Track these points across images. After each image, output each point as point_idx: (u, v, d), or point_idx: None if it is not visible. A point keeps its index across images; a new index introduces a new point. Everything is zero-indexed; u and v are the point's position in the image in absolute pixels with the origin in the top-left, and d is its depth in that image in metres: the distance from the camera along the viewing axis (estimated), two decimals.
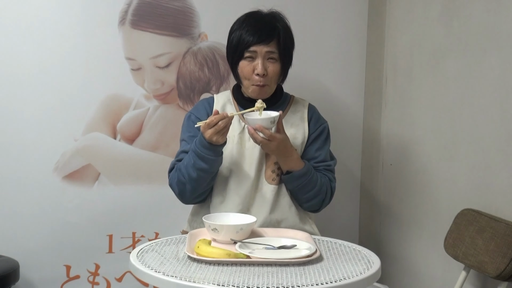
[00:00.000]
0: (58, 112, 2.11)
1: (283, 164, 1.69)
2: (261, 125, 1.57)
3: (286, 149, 1.65)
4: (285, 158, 1.67)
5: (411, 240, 2.24)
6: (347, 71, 2.45)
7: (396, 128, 2.35)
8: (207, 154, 1.59)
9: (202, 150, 1.59)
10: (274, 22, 1.71)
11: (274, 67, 1.69)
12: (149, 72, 2.19)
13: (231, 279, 1.20)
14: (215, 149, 1.59)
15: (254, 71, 1.67)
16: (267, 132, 1.58)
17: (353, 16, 2.43)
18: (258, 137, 1.59)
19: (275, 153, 1.67)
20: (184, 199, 1.73)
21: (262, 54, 1.67)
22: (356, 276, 1.26)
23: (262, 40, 1.66)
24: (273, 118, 1.59)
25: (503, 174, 1.72)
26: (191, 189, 1.67)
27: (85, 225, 2.16)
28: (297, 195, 1.73)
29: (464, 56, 1.91)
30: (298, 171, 1.67)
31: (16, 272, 1.94)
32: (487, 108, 1.79)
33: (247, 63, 1.69)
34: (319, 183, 1.71)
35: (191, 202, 1.76)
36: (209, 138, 1.55)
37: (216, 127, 1.54)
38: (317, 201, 1.73)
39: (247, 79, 1.70)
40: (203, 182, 1.66)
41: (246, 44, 1.67)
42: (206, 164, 1.60)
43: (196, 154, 1.60)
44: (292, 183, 1.70)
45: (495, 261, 1.59)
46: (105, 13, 2.12)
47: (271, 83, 1.72)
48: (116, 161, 2.18)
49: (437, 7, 2.06)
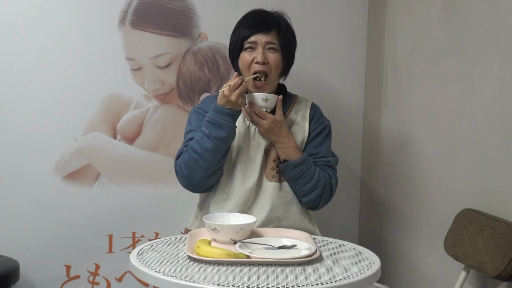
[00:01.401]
0: (58, 112, 2.11)
1: (280, 152, 1.71)
2: (253, 102, 1.66)
3: (280, 132, 1.69)
4: (280, 143, 1.70)
5: (411, 240, 2.24)
6: (347, 71, 2.45)
7: (396, 128, 2.35)
8: (225, 120, 1.60)
9: (219, 117, 1.61)
10: (274, 16, 1.74)
11: (274, 56, 1.70)
12: (149, 72, 2.19)
13: (231, 279, 1.20)
14: (234, 115, 1.62)
15: (254, 60, 1.69)
16: (257, 109, 1.66)
17: (353, 16, 2.43)
18: (251, 113, 1.68)
19: (269, 134, 1.69)
20: (193, 180, 1.67)
21: (262, 44, 1.69)
22: (356, 276, 1.26)
23: (261, 30, 1.69)
24: (265, 96, 1.66)
25: (503, 174, 1.72)
26: (205, 164, 1.63)
27: (85, 225, 2.16)
28: (295, 187, 1.74)
29: (464, 56, 1.91)
30: (294, 160, 1.69)
31: (16, 272, 1.94)
32: (487, 108, 1.79)
33: (247, 54, 1.70)
34: (317, 176, 1.71)
35: (199, 186, 1.69)
36: (235, 100, 1.59)
37: (242, 87, 1.60)
38: (315, 196, 1.73)
39: (247, 70, 1.71)
40: (217, 156, 1.63)
41: (246, 35, 1.69)
42: (225, 131, 1.61)
43: (213, 123, 1.61)
44: (288, 172, 1.71)
45: (495, 261, 1.59)
46: (105, 13, 2.12)
47: (272, 73, 1.71)
48: (116, 161, 2.18)
49: (437, 7, 2.06)
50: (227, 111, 1.60)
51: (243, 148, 1.74)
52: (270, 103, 1.68)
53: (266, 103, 1.68)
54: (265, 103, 1.68)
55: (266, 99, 1.67)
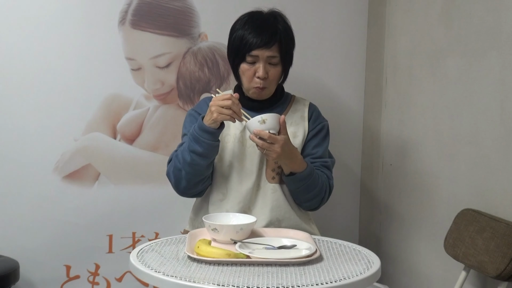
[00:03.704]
0: (58, 112, 2.11)
1: (286, 167, 1.66)
2: (256, 128, 1.52)
3: (291, 151, 1.62)
4: (290, 161, 1.63)
5: (411, 240, 2.24)
6: (347, 71, 2.45)
7: (396, 128, 2.35)
8: (203, 136, 1.58)
9: (198, 132, 1.59)
10: (275, 24, 1.70)
11: (275, 70, 1.70)
12: (149, 72, 2.19)
13: (231, 279, 1.20)
14: (213, 133, 1.58)
15: (256, 74, 1.68)
16: (264, 134, 1.52)
17: (353, 16, 2.43)
18: (259, 142, 1.54)
19: (281, 157, 1.59)
20: (179, 188, 1.71)
21: (264, 58, 1.67)
22: (356, 276, 1.26)
23: (264, 44, 1.66)
24: (261, 118, 1.51)
25: (503, 174, 1.72)
26: (186, 175, 1.65)
27: (85, 225, 2.16)
28: (298, 196, 1.73)
29: (464, 56, 1.91)
30: (301, 173, 1.65)
31: (16, 272, 1.94)
32: (487, 108, 1.79)
33: (248, 67, 1.69)
34: (320, 184, 1.70)
35: (187, 193, 1.72)
36: (216, 116, 1.54)
37: (225, 102, 1.54)
38: (316, 201, 1.73)
39: (248, 82, 1.71)
40: (196, 168, 1.63)
41: (248, 48, 1.67)
42: (201, 147, 1.59)
43: (193, 137, 1.61)
44: (295, 185, 1.69)
45: (495, 261, 1.59)
46: (105, 13, 2.12)
47: (271, 86, 1.72)
48: (116, 161, 2.18)
49: (437, 7, 2.06)
50: (206, 128, 1.58)
51: (239, 148, 1.73)
52: (268, 123, 1.51)
53: (264, 125, 1.50)
54: (263, 125, 1.50)
55: (263, 120, 1.50)
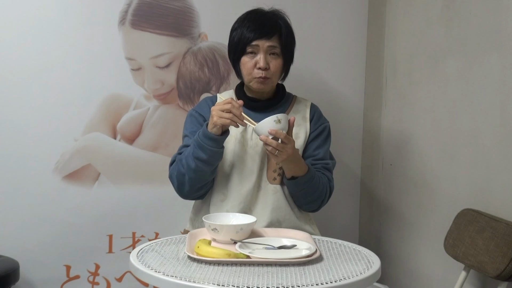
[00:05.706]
0: (58, 112, 2.11)
1: (289, 170, 1.66)
2: (273, 128, 1.48)
3: (297, 154, 1.62)
4: (295, 164, 1.63)
5: (411, 240, 2.24)
6: (347, 71, 2.45)
7: (396, 128, 2.35)
8: (206, 143, 1.58)
9: (202, 139, 1.59)
10: (275, 19, 1.72)
11: (276, 62, 1.70)
12: (149, 72, 2.19)
13: (231, 279, 1.20)
14: (215, 139, 1.58)
15: (256, 65, 1.68)
16: (281, 134, 1.49)
17: (353, 16, 2.43)
18: (273, 142, 1.50)
19: (289, 159, 1.57)
20: (182, 192, 1.71)
21: (264, 49, 1.68)
22: (356, 276, 1.26)
23: (264, 35, 1.67)
24: (277, 117, 1.48)
25: (503, 174, 1.72)
26: (189, 180, 1.65)
27: (85, 225, 2.16)
28: (298, 199, 1.73)
29: (464, 56, 1.91)
30: (303, 177, 1.65)
31: (16, 272, 1.93)
32: (487, 108, 1.79)
33: (248, 59, 1.69)
34: (321, 186, 1.70)
35: (189, 197, 1.74)
36: (216, 119, 1.53)
37: (225, 105, 1.52)
38: (316, 203, 1.74)
39: (249, 74, 1.70)
40: (201, 174, 1.64)
41: (248, 39, 1.67)
42: (205, 154, 1.59)
43: (197, 143, 1.60)
44: (296, 188, 1.69)
45: (495, 261, 1.59)
46: (105, 13, 2.12)
47: (273, 77, 1.72)
48: (116, 161, 2.18)
49: (437, 7, 2.06)
50: (209, 135, 1.57)
51: (240, 149, 1.73)
52: (283, 123, 1.49)
53: (279, 125, 1.48)
54: (279, 125, 1.48)
55: (279, 120, 1.47)
